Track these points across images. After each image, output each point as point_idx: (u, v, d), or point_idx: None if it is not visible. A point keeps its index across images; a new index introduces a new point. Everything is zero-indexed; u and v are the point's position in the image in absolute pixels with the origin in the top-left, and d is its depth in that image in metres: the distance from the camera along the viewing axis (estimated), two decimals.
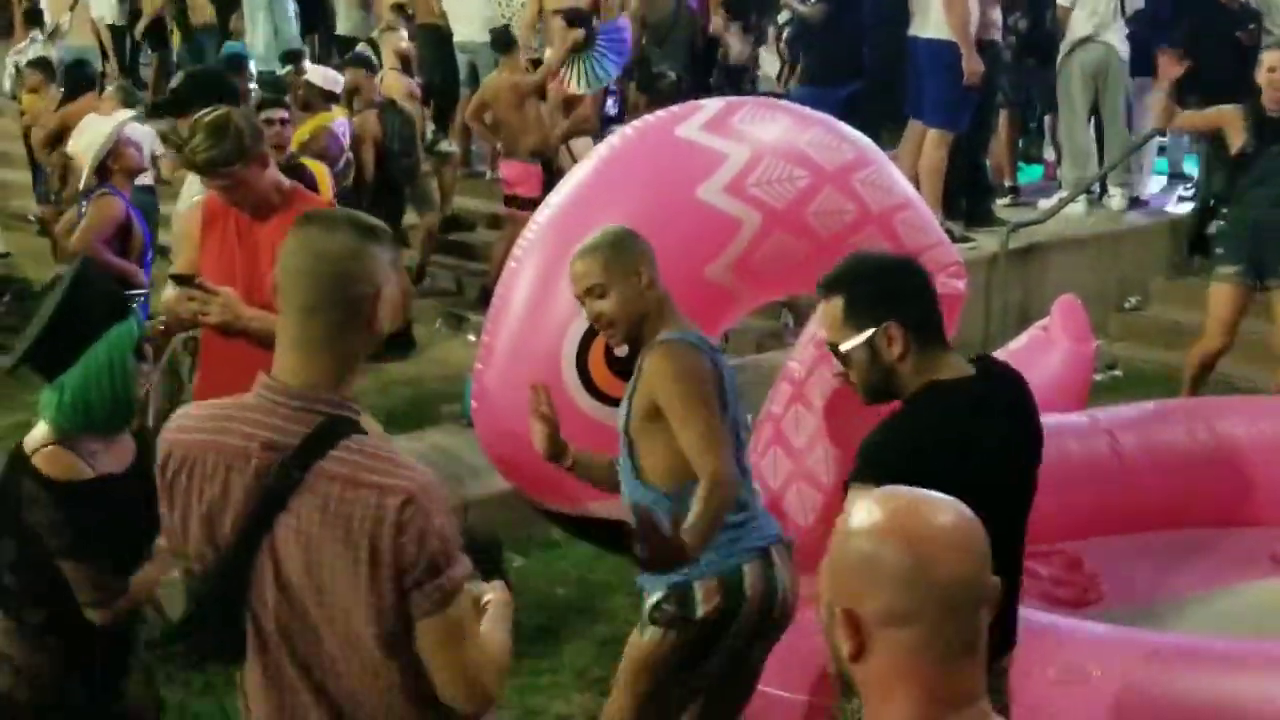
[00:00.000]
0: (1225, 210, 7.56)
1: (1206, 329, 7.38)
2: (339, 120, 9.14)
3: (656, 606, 3.76)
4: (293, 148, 8.76)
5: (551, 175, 9.65)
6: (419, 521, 2.45)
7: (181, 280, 4.49)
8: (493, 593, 2.79)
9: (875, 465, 3.10)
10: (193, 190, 5.84)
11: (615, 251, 3.71)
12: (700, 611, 3.71)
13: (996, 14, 9.61)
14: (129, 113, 7.88)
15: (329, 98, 9.21)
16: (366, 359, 2.63)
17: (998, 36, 9.70)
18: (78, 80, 10.95)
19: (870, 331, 3.20)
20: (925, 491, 1.90)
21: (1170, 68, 8.23)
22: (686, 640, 3.76)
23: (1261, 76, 7.17)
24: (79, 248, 6.67)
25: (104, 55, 15.02)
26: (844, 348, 3.24)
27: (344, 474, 2.46)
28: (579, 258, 3.72)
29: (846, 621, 1.85)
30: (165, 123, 9.13)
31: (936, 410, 3.21)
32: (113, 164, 6.63)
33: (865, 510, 1.87)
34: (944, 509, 1.87)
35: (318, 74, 9.37)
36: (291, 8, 13.08)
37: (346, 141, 9.08)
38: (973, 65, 8.82)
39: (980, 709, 1.90)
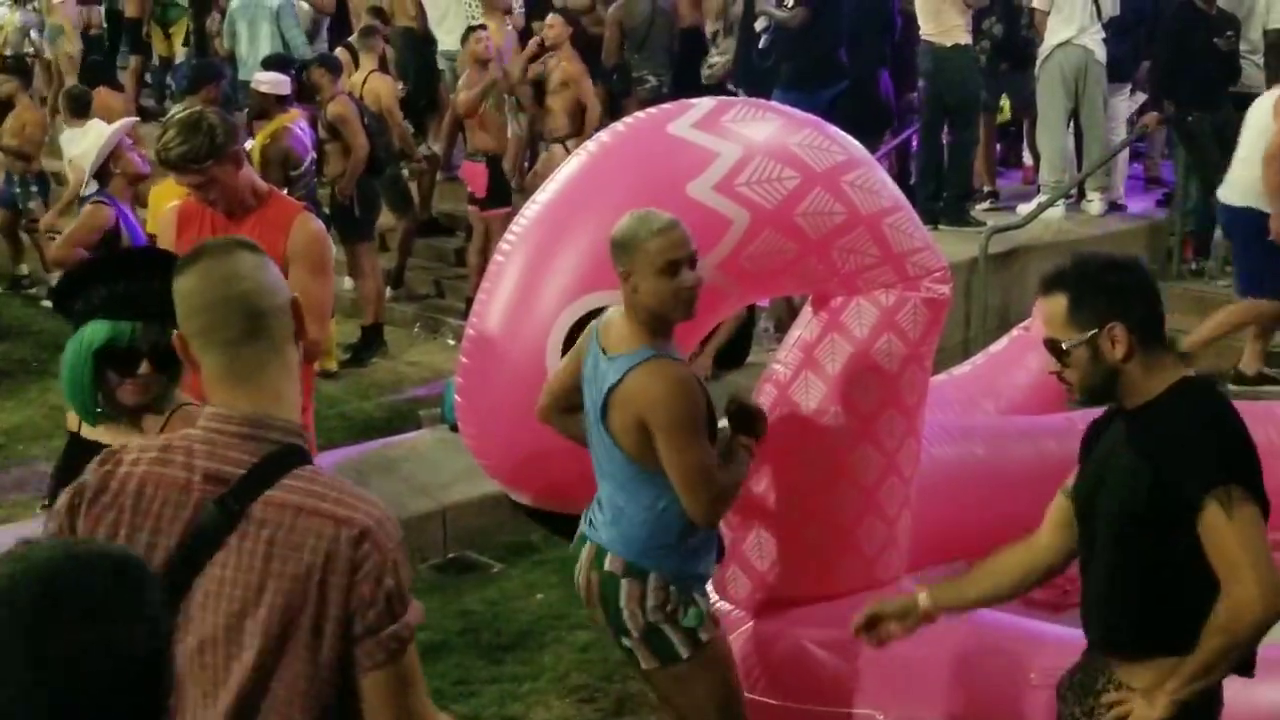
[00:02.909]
0: None
1: None
2: (299, 121, 9.06)
3: None
4: (253, 152, 8.71)
5: (497, 174, 9.73)
6: (375, 558, 2.26)
7: None
8: None
9: (1242, 470, 3.12)
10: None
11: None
12: None
13: (968, 19, 9.73)
14: (133, 119, 7.86)
15: (281, 101, 9.13)
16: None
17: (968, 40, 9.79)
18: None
19: (1093, 331, 3.18)
20: None
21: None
22: None
23: None
24: (59, 257, 6.60)
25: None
26: (1066, 346, 3.22)
27: (295, 503, 2.28)
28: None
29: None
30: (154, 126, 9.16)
31: (1223, 404, 3.26)
32: (114, 167, 6.58)
33: None
34: None
35: (264, 80, 9.28)
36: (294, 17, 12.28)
37: (309, 141, 8.99)
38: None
39: None
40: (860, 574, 4.77)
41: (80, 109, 10.06)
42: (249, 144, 9.05)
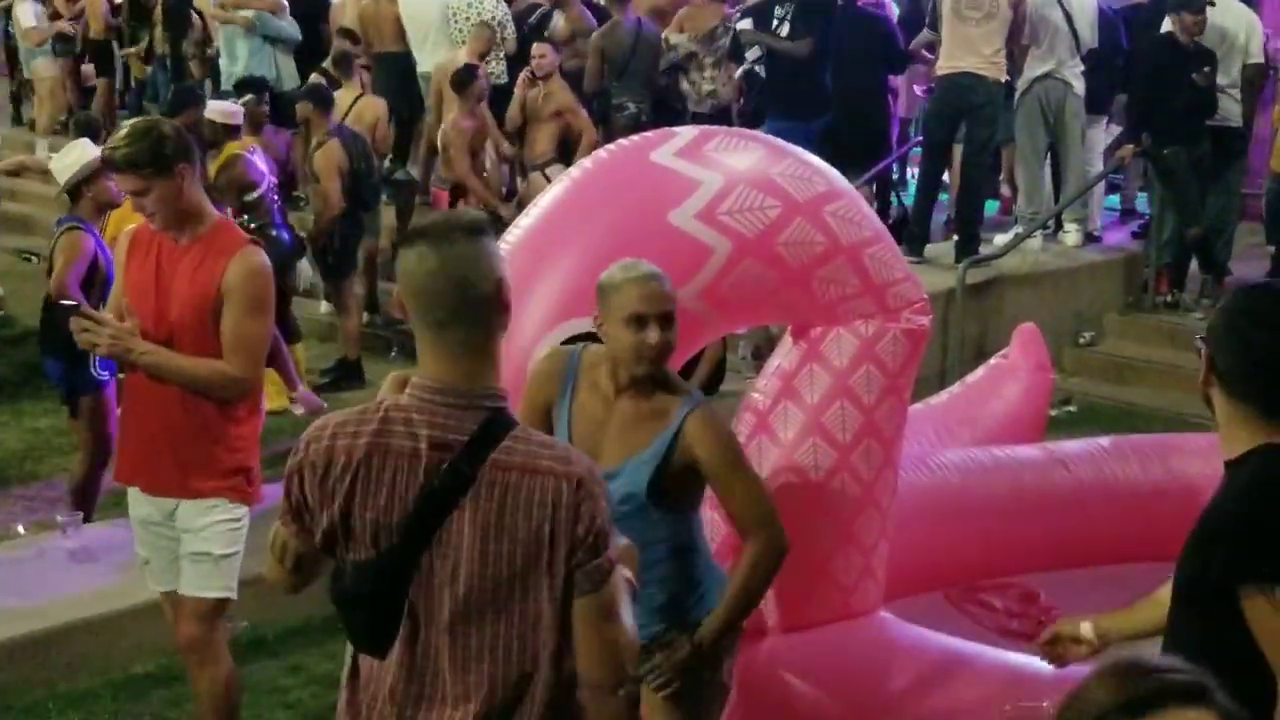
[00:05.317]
0: None
1: None
2: (250, 146, 9.01)
3: None
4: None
5: (455, 203, 9.89)
6: (589, 503, 2.61)
7: (69, 310, 4.47)
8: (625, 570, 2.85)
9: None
10: None
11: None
12: None
13: None
14: None
15: (230, 131, 9.06)
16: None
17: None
18: None
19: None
20: None
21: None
22: None
23: None
24: (55, 291, 6.50)
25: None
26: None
27: (519, 463, 2.61)
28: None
29: None
30: None
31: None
32: (86, 190, 6.49)
33: None
34: None
35: (215, 109, 9.22)
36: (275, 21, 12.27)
37: (263, 165, 8.91)
38: None
39: None
40: (837, 605, 4.77)
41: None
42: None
